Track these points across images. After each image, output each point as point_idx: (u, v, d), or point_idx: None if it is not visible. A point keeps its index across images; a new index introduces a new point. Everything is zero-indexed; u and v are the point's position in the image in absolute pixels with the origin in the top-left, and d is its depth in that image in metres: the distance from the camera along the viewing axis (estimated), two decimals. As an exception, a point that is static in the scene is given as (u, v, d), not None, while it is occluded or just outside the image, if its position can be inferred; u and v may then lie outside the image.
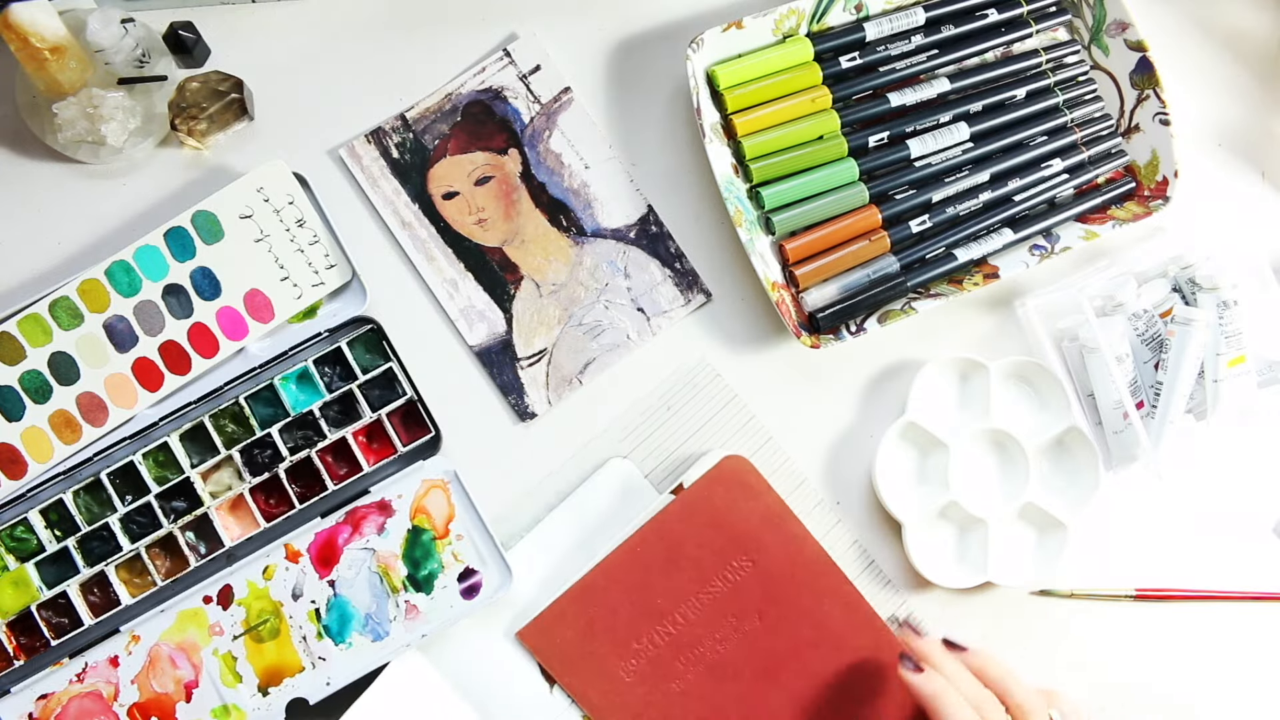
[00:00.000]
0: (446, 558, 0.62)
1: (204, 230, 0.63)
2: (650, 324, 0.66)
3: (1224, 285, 0.64)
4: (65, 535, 0.62)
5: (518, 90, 0.66)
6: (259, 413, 0.63)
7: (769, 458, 0.65)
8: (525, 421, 0.65)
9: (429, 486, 0.63)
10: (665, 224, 0.66)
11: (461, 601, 0.62)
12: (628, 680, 0.62)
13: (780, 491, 0.64)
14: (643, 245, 0.66)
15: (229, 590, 0.62)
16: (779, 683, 0.62)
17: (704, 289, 0.66)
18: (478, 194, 0.66)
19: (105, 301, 0.62)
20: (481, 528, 0.62)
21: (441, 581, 0.62)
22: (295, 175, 0.63)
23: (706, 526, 0.63)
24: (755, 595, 0.63)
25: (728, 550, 0.63)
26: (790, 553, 0.63)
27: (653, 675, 0.62)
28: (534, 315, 0.66)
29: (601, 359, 0.65)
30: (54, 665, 0.61)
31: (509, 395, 0.65)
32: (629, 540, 0.63)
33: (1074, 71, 0.68)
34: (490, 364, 0.65)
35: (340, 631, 0.62)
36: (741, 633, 0.63)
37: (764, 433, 0.66)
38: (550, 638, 0.62)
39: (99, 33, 0.62)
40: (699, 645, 0.62)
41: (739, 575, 0.63)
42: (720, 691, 0.62)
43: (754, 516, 0.63)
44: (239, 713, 0.61)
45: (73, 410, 0.62)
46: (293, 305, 0.63)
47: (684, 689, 0.62)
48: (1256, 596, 0.67)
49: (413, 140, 0.66)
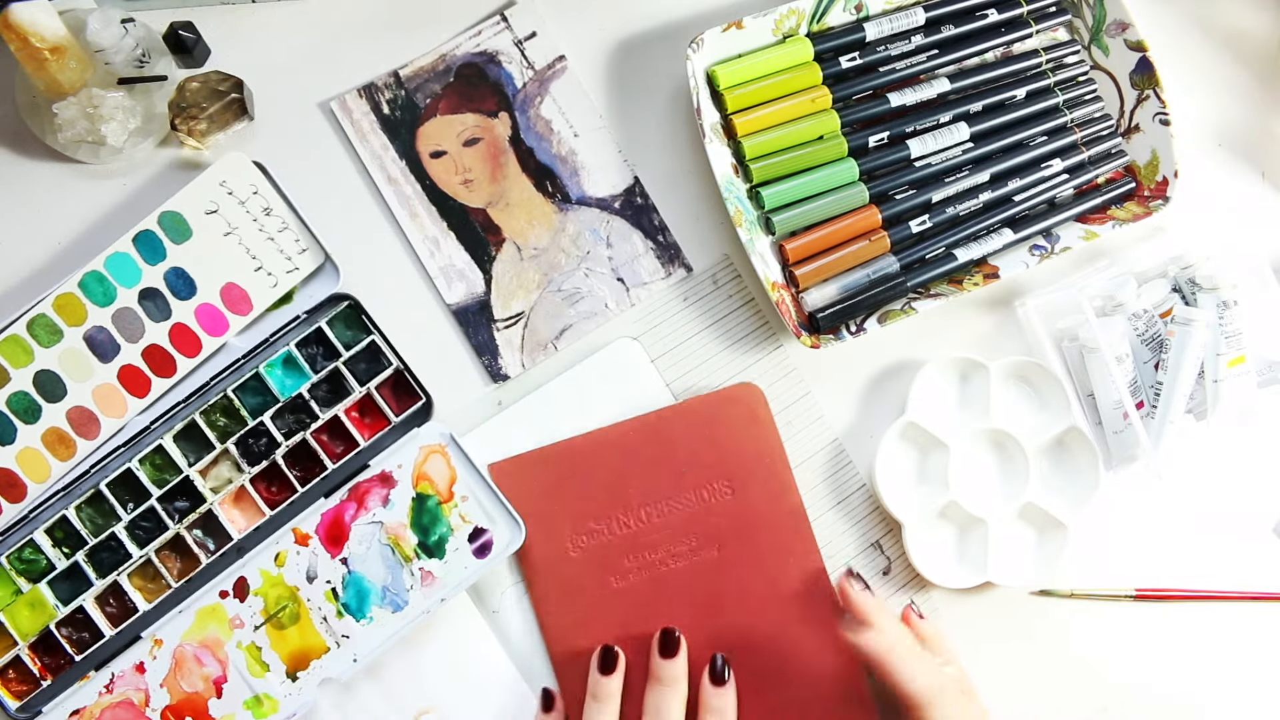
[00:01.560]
0: (454, 520, 0.63)
1: (172, 231, 0.62)
2: (630, 294, 0.66)
3: (1224, 285, 0.64)
4: (74, 550, 0.62)
5: (512, 55, 0.67)
6: (248, 403, 0.63)
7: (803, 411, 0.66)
8: (498, 383, 0.65)
9: (427, 452, 0.63)
10: (652, 197, 0.66)
11: (475, 561, 0.62)
12: (572, 554, 0.62)
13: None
14: (627, 216, 0.66)
15: (244, 582, 0.62)
16: (713, 623, 0.62)
17: (685, 263, 0.66)
18: (465, 154, 0.66)
19: (82, 314, 0.62)
20: (485, 485, 0.63)
21: (453, 544, 0.62)
22: (256, 164, 0.63)
23: (703, 439, 0.63)
24: (723, 526, 0.63)
25: (714, 470, 0.63)
26: (771, 496, 0.63)
27: (597, 562, 0.62)
28: (514, 278, 0.66)
29: (578, 326, 0.66)
30: (81, 680, 0.61)
31: (483, 356, 0.65)
32: (626, 422, 0.63)
33: (1074, 71, 0.68)
34: (467, 323, 0.65)
35: (359, 608, 0.62)
36: (697, 558, 0.62)
37: (803, 385, 0.67)
38: (518, 480, 0.62)
39: (99, 33, 0.62)
40: (651, 553, 0.62)
41: (716, 499, 0.63)
42: (653, 606, 0.62)
43: (750, 447, 0.63)
44: (271, 701, 0.62)
45: (64, 426, 0.62)
46: (269, 294, 0.63)
47: (620, 589, 0.62)
48: (1256, 596, 0.67)
49: (404, 98, 0.66)
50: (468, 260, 0.66)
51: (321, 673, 0.62)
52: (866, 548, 0.66)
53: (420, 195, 0.66)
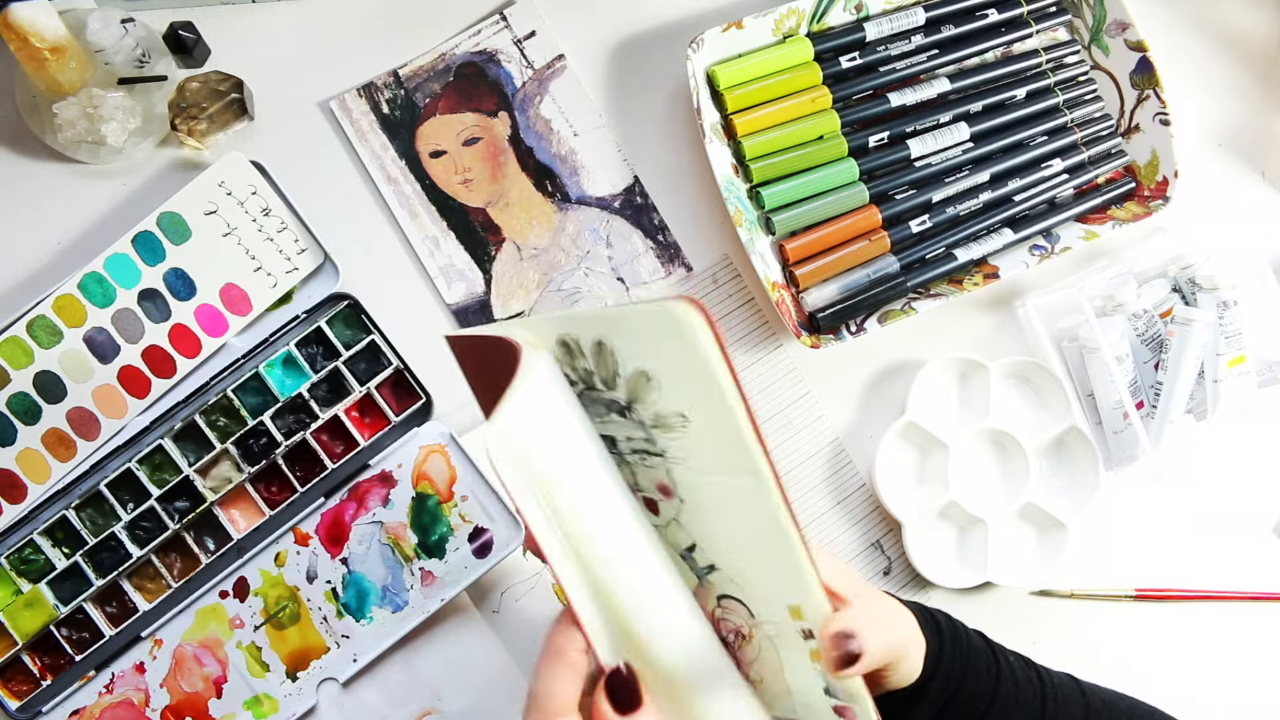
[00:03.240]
0: (454, 520, 0.63)
1: (171, 231, 0.62)
2: (629, 294, 0.66)
3: (1224, 285, 0.64)
4: (74, 551, 0.62)
5: (511, 54, 0.67)
6: (248, 402, 0.63)
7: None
8: None
9: (427, 452, 0.63)
10: (651, 197, 0.66)
11: (475, 561, 0.62)
12: None
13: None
14: (627, 215, 0.67)
15: (244, 582, 0.62)
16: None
17: (685, 263, 0.66)
18: (465, 154, 0.66)
19: (82, 315, 0.62)
20: (485, 485, 0.63)
21: (453, 544, 0.63)
22: (254, 164, 0.63)
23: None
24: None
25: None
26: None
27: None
28: (513, 278, 0.66)
29: None
30: (81, 680, 0.62)
31: None
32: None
33: (1074, 71, 0.68)
34: (466, 323, 0.65)
35: (359, 608, 0.62)
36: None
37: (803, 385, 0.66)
38: (471, 357, 0.55)
39: (99, 33, 0.62)
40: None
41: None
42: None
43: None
44: (270, 701, 0.62)
45: (64, 427, 0.62)
46: (269, 294, 0.63)
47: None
48: (1256, 596, 0.67)
49: (404, 97, 0.66)
50: (467, 260, 0.66)
51: (321, 673, 0.62)
52: (866, 548, 0.66)
53: (420, 195, 0.66)
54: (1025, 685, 0.50)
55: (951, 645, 0.49)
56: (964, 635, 0.50)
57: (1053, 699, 0.50)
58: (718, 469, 0.39)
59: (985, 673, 0.49)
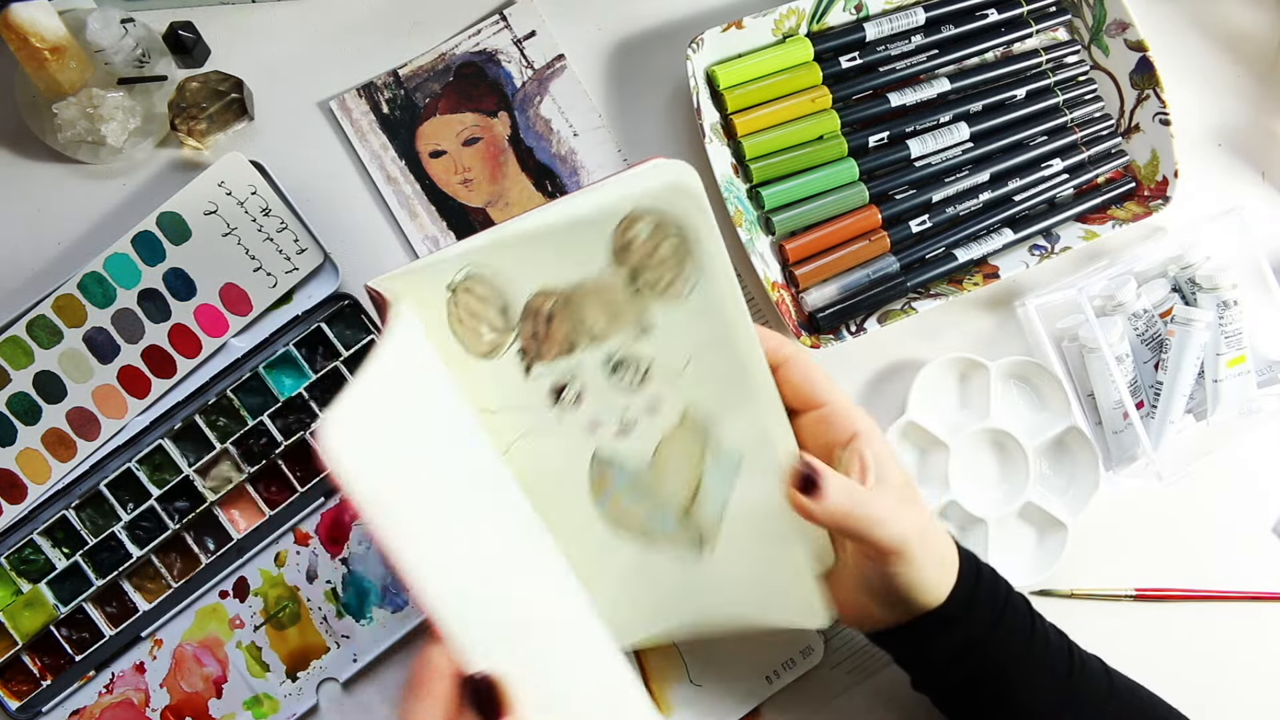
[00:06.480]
0: None
1: (170, 231, 0.62)
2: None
3: (1224, 285, 0.64)
4: (73, 551, 0.62)
5: (511, 54, 0.67)
6: (248, 403, 0.63)
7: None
8: None
9: None
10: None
11: None
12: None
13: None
14: None
15: (244, 582, 0.63)
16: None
17: None
18: (465, 154, 0.66)
19: (82, 315, 0.62)
20: None
21: None
22: (254, 164, 0.63)
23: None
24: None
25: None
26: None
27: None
28: None
29: None
30: (81, 680, 0.62)
31: None
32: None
33: (1074, 71, 0.68)
34: None
35: (360, 607, 0.62)
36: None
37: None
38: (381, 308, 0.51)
39: (99, 33, 0.62)
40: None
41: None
42: None
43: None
44: (271, 701, 0.62)
45: (64, 427, 0.62)
46: (269, 295, 0.63)
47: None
48: (1256, 596, 0.67)
49: (403, 97, 0.66)
50: (468, 260, 0.66)
51: (321, 673, 0.62)
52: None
53: (420, 195, 0.66)
54: (1057, 651, 0.53)
55: (990, 594, 0.51)
56: (1004, 590, 0.52)
57: (1080, 672, 0.52)
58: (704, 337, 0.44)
59: (1019, 630, 0.52)
